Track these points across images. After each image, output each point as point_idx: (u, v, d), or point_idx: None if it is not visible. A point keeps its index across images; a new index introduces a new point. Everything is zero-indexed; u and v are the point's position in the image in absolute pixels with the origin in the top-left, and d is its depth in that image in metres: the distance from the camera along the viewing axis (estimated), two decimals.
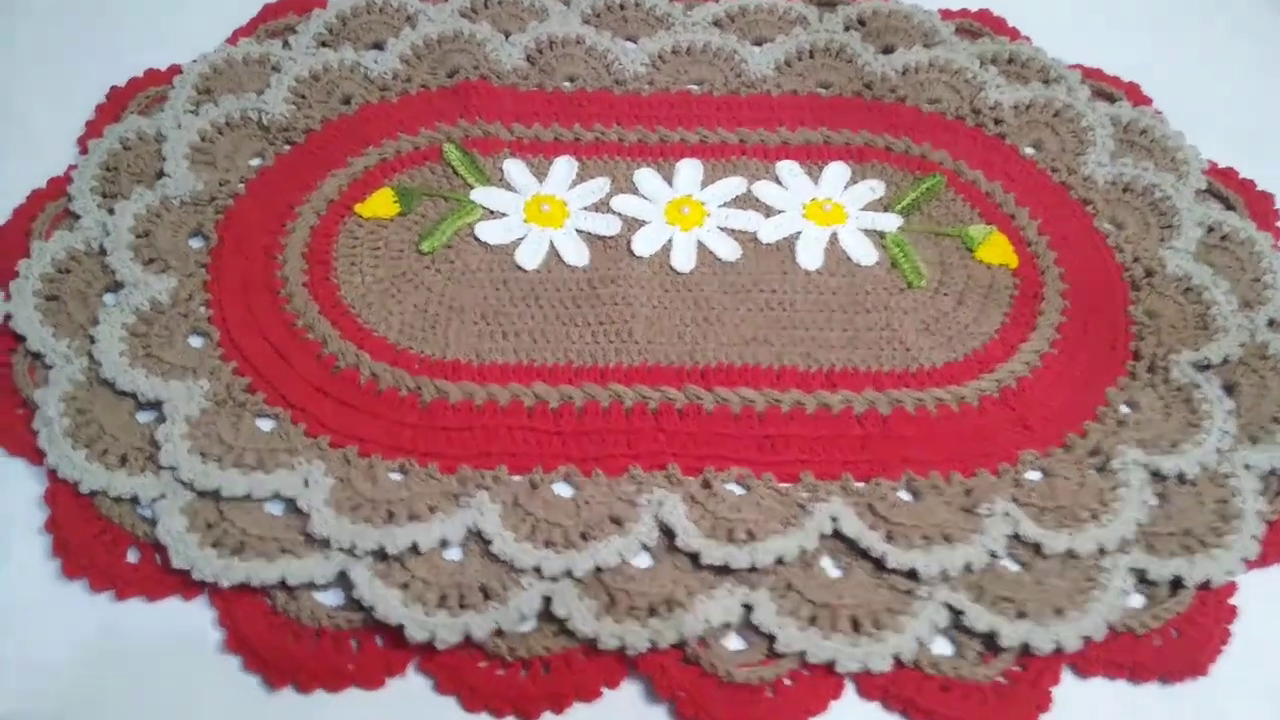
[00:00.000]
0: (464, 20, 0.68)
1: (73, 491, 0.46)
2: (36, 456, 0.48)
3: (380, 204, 0.59)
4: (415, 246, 0.57)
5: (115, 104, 0.63)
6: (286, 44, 0.66)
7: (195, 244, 0.56)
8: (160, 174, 0.58)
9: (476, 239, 0.58)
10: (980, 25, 0.71)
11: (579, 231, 0.59)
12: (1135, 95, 0.68)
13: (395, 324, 0.54)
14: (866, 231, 0.60)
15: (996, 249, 0.59)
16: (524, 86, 0.65)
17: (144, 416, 0.49)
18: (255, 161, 0.61)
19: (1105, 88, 0.68)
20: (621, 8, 0.70)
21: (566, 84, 0.66)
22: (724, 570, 0.45)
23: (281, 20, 0.68)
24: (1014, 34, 0.71)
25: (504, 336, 0.54)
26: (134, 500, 0.46)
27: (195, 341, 0.52)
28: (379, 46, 0.67)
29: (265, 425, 0.49)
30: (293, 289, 0.54)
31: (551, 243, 0.58)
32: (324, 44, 0.67)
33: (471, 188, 0.60)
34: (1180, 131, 0.64)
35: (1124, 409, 0.53)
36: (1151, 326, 0.55)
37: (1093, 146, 0.64)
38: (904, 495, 0.49)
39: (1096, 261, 0.59)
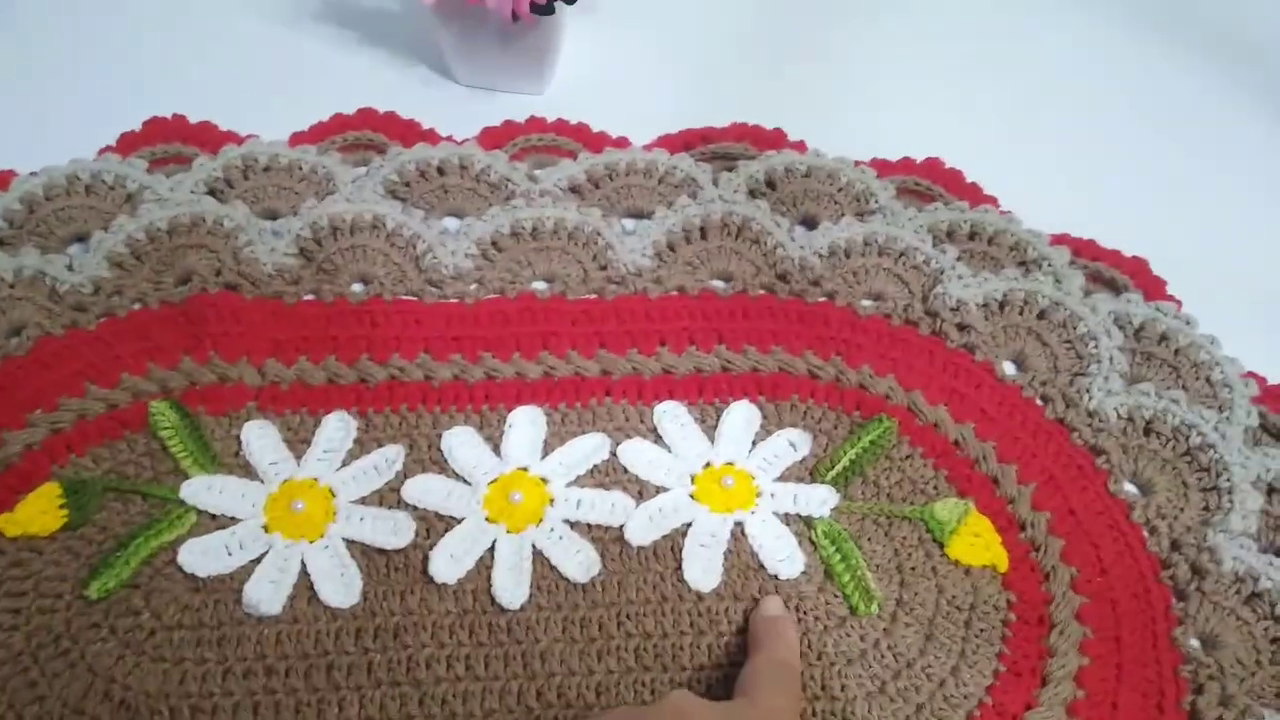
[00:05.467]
0: (210, 200, 0.48)
1: None
2: None
3: (39, 510, 0.38)
4: (81, 588, 0.36)
5: None
6: None
7: None
8: None
9: (179, 569, 0.37)
10: (930, 184, 0.53)
11: (349, 543, 0.38)
12: (1146, 279, 0.49)
13: None
14: (787, 518, 0.40)
15: (977, 541, 0.40)
16: (291, 297, 0.45)
17: None
18: None
19: (1105, 270, 0.50)
20: (440, 173, 0.51)
21: (357, 288, 0.47)
22: None
23: None
24: (975, 194, 0.53)
25: None
26: None
27: None
28: (83, 240, 0.47)
29: None
30: None
31: (304, 566, 0.37)
32: (1, 243, 0.46)
33: (185, 476, 0.39)
34: (1214, 337, 0.47)
35: None
36: (1210, 666, 0.37)
37: (1096, 363, 0.46)
38: None
39: (1120, 552, 0.40)
